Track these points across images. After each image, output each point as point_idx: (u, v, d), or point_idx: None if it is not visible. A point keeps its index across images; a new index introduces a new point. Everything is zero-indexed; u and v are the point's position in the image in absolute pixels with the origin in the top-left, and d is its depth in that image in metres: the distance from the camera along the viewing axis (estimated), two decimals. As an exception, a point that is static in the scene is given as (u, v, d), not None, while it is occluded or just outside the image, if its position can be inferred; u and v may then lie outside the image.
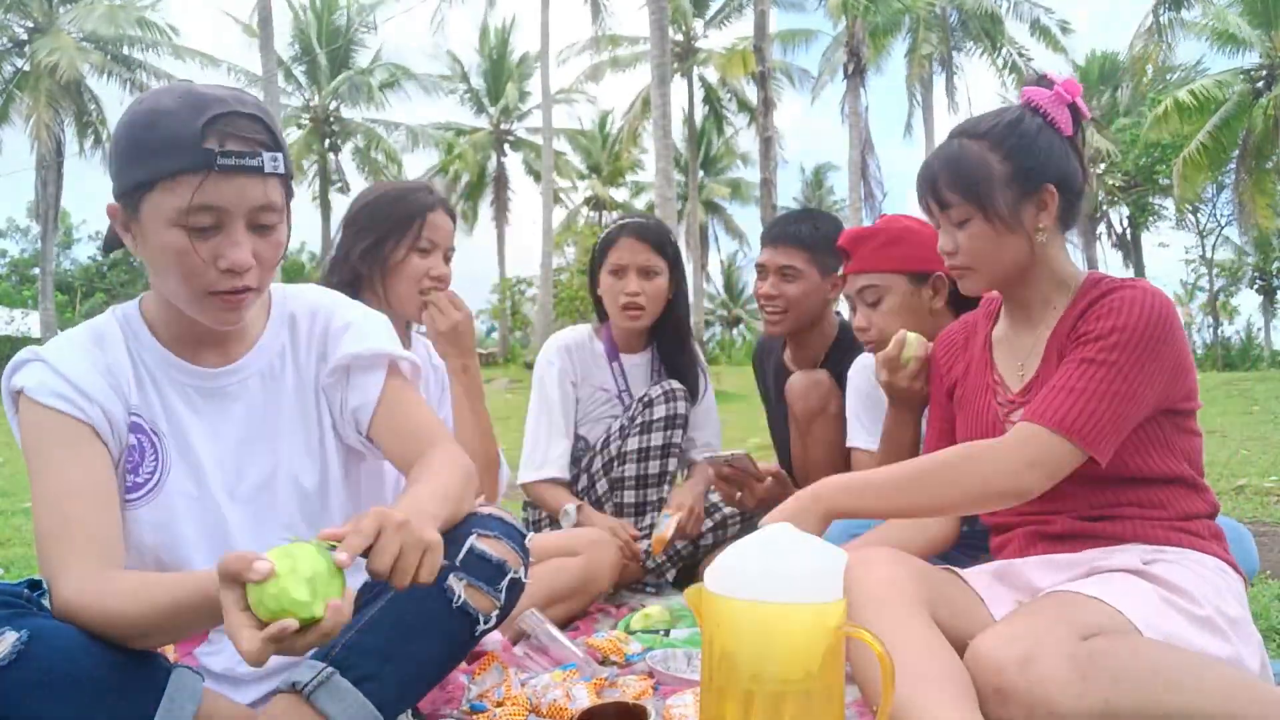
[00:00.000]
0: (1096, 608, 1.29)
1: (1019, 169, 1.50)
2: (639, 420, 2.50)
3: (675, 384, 2.52)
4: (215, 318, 1.28)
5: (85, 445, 1.25)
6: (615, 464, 2.54)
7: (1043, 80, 1.56)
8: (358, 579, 1.52)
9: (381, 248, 2.03)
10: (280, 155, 1.24)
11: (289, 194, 1.30)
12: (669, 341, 2.67)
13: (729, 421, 4.41)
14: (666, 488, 2.57)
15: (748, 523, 2.60)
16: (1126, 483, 1.47)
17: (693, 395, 2.64)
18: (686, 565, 2.65)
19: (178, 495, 1.32)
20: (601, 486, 2.57)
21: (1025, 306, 1.59)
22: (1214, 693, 1.22)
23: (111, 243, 1.32)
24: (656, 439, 2.48)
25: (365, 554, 1.03)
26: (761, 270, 2.57)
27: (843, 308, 2.56)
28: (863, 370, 2.29)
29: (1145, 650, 1.24)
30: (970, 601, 1.46)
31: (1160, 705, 1.19)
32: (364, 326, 1.43)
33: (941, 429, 1.75)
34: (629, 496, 2.52)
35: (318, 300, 1.47)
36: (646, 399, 2.51)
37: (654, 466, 2.50)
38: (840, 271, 2.22)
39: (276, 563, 0.96)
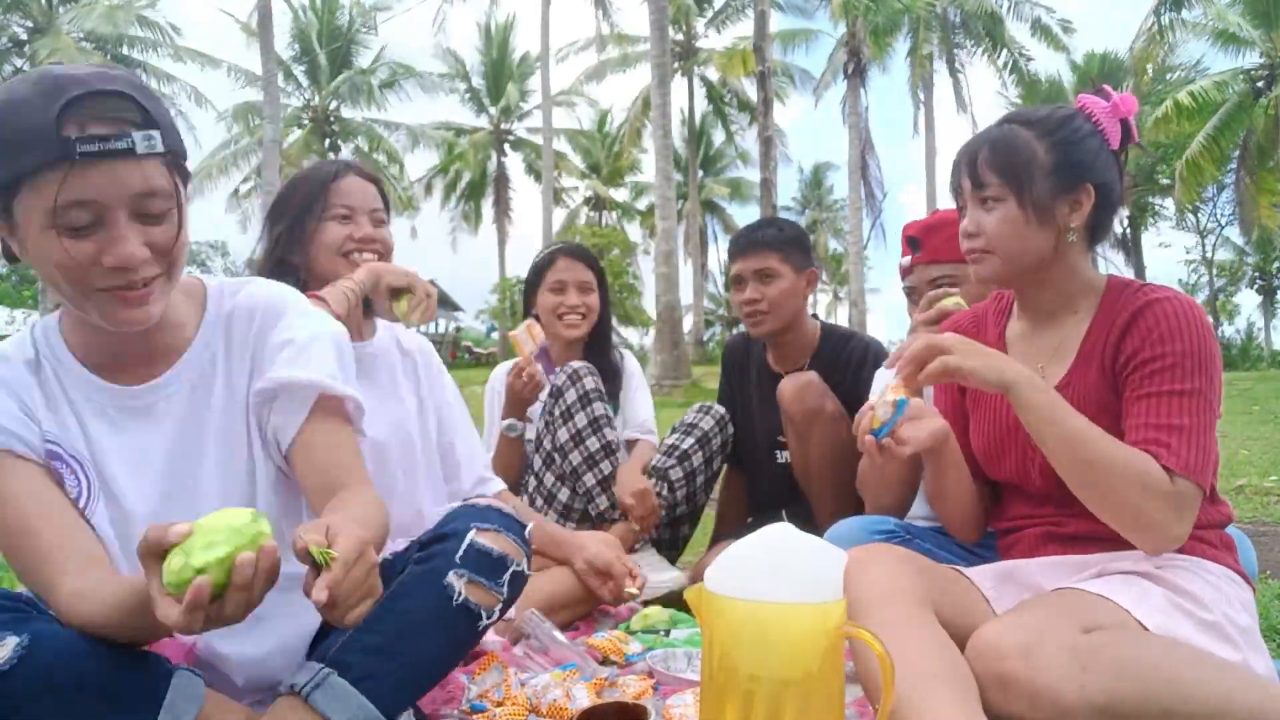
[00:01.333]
0: (1103, 605, 1.30)
1: (1063, 162, 1.48)
2: (558, 412, 2.55)
3: (572, 365, 2.58)
4: (120, 318, 1.15)
5: (17, 471, 1.20)
6: (557, 459, 2.56)
7: (1099, 91, 1.55)
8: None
9: (298, 228, 1.95)
10: (156, 133, 1.09)
11: (183, 175, 1.17)
12: (597, 348, 2.81)
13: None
14: (617, 456, 2.59)
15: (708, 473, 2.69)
16: None
17: (613, 378, 2.79)
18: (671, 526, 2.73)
19: (103, 519, 1.26)
20: (549, 481, 2.58)
21: (1043, 308, 1.57)
22: (1217, 687, 1.21)
23: (8, 253, 1.17)
24: (581, 419, 2.54)
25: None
26: (738, 280, 2.66)
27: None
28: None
29: (1149, 644, 1.24)
30: (974, 600, 1.46)
31: (1163, 698, 1.18)
32: (306, 350, 1.29)
33: (949, 420, 1.71)
34: (588, 480, 2.53)
35: (262, 299, 1.33)
36: (555, 390, 2.56)
37: (594, 443, 2.53)
38: (909, 262, 2.24)
39: (188, 537, 0.93)
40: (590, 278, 2.77)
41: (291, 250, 1.95)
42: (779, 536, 1.15)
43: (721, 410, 2.75)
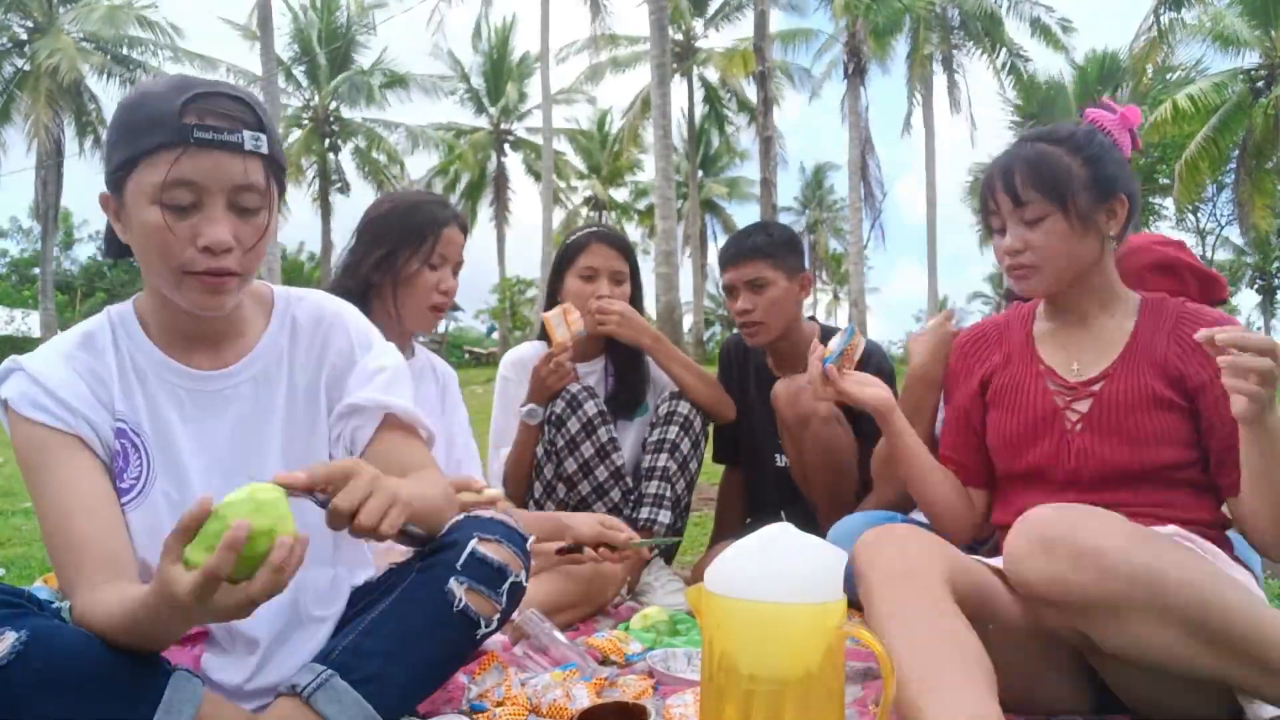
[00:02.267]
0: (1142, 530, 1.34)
1: (1099, 174, 1.58)
2: (561, 443, 2.50)
3: (571, 390, 2.50)
4: (197, 301, 1.25)
5: (74, 458, 1.24)
6: (561, 489, 2.55)
7: (1104, 106, 1.66)
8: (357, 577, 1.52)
9: (394, 260, 2.06)
10: (263, 136, 1.22)
11: (279, 184, 1.29)
12: (623, 350, 2.66)
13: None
14: (628, 480, 2.56)
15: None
16: (1159, 484, 1.53)
17: (636, 405, 2.67)
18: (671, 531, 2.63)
19: (162, 499, 1.31)
20: (550, 510, 2.54)
21: (1075, 309, 1.66)
22: (1257, 606, 1.26)
23: (112, 244, 1.30)
24: (587, 449, 2.50)
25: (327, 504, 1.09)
26: (730, 290, 2.60)
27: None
28: None
29: (1195, 555, 1.31)
30: (989, 577, 1.45)
31: (1204, 591, 1.22)
32: (397, 380, 1.42)
33: (962, 424, 1.77)
34: (599, 510, 2.50)
35: (323, 308, 1.44)
36: (555, 419, 2.50)
37: (602, 472, 2.51)
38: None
39: (211, 521, 0.98)
40: (624, 267, 2.63)
41: (382, 278, 2.07)
42: (779, 536, 1.15)
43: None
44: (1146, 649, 1.24)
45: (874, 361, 2.56)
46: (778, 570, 1.10)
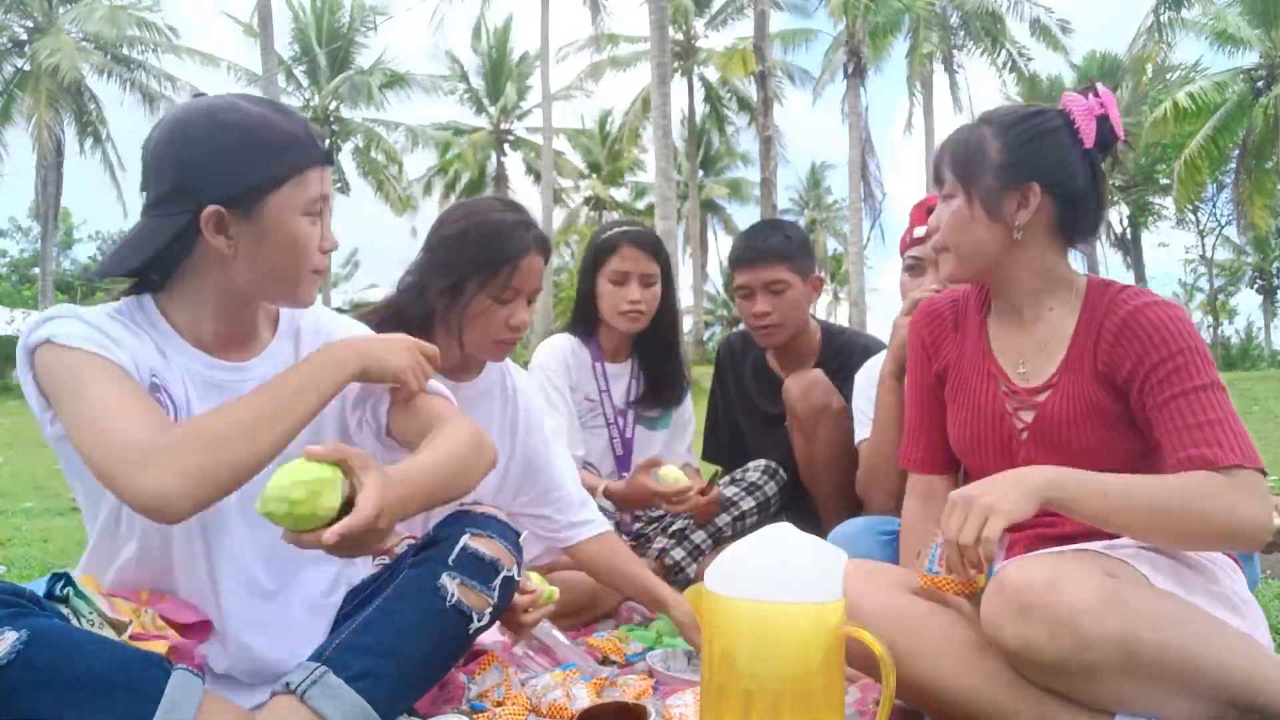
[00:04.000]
0: (1121, 566, 1.32)
1: (1011, 160, 1.49)
2: None
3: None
4: (308, 296, 1.42)
5: (121, 376, 1.25)
6: None
7: (1089, 89, 1.54)
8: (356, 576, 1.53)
9: (462, 289, 1.83)
10: None
11: None
12: (654, 351, 2.64)
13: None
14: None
15: (767, 516, 2.56)
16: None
17: (677, 401, 2.67)
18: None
19: None
20: None
21: (1012, 305, 1.57)
22: (1235, 648, 1.24)
23: (162, 259, 1.32)
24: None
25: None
26: (746, 291, 2.56)
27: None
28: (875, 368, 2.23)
29: (1169, 599, 1.27)
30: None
31: (1181, 647, 1.20)
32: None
33: (925, 408, 1.69)
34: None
35: (321, 321, 1.53)
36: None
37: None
38: (923, 232, 2.10)
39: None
40: (653, 268, 2.54)
41: (448, 307, 1.85)
42: (779, 536, 1.15)
43: (774, 465, 2.61)
44: (1123, 702, 1.24)
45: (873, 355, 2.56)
46: (778, 570, 1.10)
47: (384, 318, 1.86)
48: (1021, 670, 1.27)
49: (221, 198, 1.28)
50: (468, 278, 1.83)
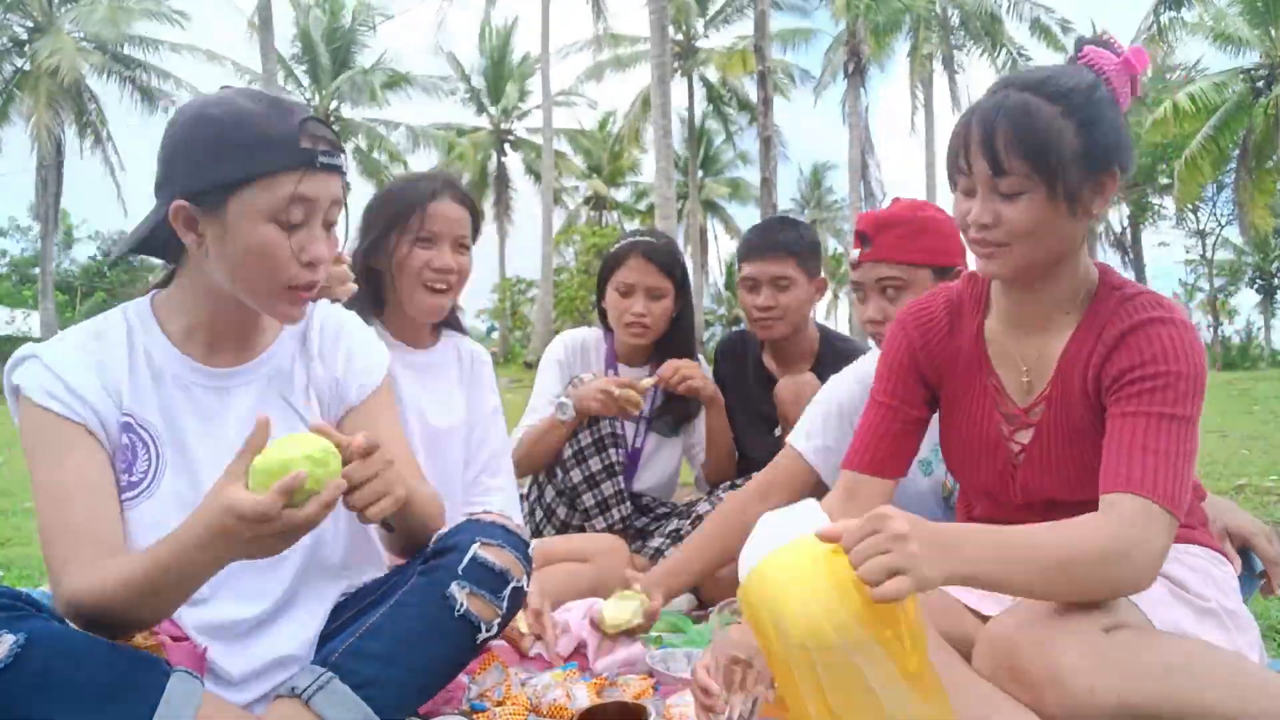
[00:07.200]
0: (1119, 603, 1.28)
1: (1093, 144, 1.29)
2: (568, 453, 2.47)
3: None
4: (285, 312, 1.34)
5: (80, 445, 1.27)
6: (564, 510, 2.53)
7: (1105, 44, 1.35)
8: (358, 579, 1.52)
9: (385, 242, 2.01)
10: (343, 156, 1.33)
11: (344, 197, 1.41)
12: (674, 356, 2.62)
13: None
14: (621, 480, 2.53)
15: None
16: None
17: (691, 417, 2.66)
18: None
19: (171, 496, 1.32)
20: (549, 495, 2.53)
21: (1036, 305, 1.42)
22: (1225, 685, 1.21)
23: (147, 243, 1.34)
24: (595, 464, 2.47)
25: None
26: (752, 283, 2.56)
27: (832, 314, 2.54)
28: (858, 380, 2.10)
29: (1160, 644, 1.23)
30: (951, 602, 1.45)
31: (1174, 699, 1.18)
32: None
33: (885, 418, 1.54)
34: (587, 500, 2.48)
35: (328, 318, 1.52)
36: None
37: (595, 463, 2.47)
38: (857, 257, 2.08)
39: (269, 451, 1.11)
40: (662, 283, 2.53)
41: (379, 260, 2.03)
42: (783, 509, 1.23)
43: None
44: None
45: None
46: (792, 520, 1.17)
47: (349, 305, 1.90)
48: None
49: (186, 191, 1.26)
50: (388, 230, 2.00)
